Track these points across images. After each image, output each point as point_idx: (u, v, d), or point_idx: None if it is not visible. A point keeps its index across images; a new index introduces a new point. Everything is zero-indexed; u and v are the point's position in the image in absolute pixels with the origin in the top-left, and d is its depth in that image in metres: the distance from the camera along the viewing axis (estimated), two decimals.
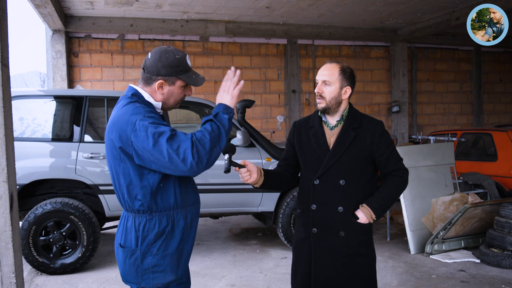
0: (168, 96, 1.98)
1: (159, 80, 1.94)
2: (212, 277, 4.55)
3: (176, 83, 1.96)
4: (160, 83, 1.95)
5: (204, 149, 1.79)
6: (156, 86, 1.95)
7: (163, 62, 1.93)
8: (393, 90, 10.22)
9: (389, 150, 2.32)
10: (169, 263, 1.93)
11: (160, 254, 1.91)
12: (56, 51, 8.09)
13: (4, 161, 2.58)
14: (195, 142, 1.78)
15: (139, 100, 1.94)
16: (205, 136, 1.81)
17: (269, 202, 5.25)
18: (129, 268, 1.94)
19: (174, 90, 1.97)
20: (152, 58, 1.94)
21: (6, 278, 2.63)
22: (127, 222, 1.95)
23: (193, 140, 1.79)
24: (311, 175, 2.32)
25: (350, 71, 2.33)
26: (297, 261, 2.42)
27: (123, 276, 1.99)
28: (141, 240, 1.90)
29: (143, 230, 1.90)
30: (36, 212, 4.51)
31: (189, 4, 7.51)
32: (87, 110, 4.85)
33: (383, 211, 2.29)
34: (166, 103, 2.00)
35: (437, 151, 5.62)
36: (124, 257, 1.94)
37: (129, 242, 1.93)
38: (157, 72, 1.93)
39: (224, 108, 1.92)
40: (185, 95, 2.04)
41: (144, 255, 1.91)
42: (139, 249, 1.91)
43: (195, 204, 2.04)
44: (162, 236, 1.91)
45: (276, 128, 9.65)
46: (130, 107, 1.89)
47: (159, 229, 1.91)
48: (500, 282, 4.28)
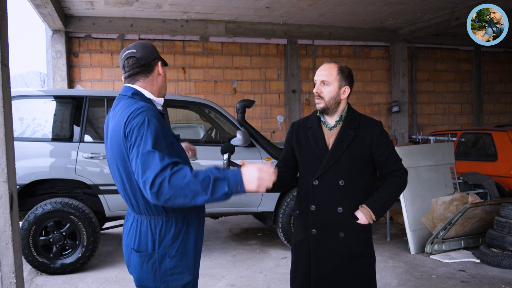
0: (164, 77, 2.03)
1: (159, 61, 1.99)
2: (212, 277, 4.55)
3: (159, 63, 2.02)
4: (161, 64, 2.00)
5: (172, 188, 1.66)
6: (158, 69, 1.99)
7: (150, 47, 1.98)
8: (393, 90, 10.22)
9: (388, 151, 2.32)
10: (186, 264, 1.91)
11: (178, 256, 1.88)
12: (56, 51, 8.09)
13: (4, 161, 2.58)
14: (168, 176, 1.66)
15: (141, 99, 1.91)
16: (187, 181, 1.68)
17: (269, 202, 5.25)
18: (146, 273, 1.88)
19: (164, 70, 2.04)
20: (142, 49, 1.95)
21: (6, 278, 2.63)
22: (140, 226, 1.89)
23: (168, 171, 1.67)
24: (310, 175, 2.31)
25: (348, 71, 2.33)
26: (296, 262, 2.41)
27: (138, 281, 1.92)
28: (159, 243, 1.86)
29: (160, 233, 1.86)
30: (36, 212, 4.51)
31: (189, 4, 7.51)
32: (87, 110, 4.85)
33: (382, 211, 2.29)
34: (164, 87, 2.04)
35: (437, 151, 5.62)
36: (141, 262, 1.88)
37: (144, 246, 1.88)
38: (152, 55, 1.97)
39: (237, 184, 1.73)
40: None
41: (162, 258, 1.87)
42: (156, 253, 1.86)
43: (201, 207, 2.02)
44: (179, 237, 1.89)
45: (276, 128, 9.65)
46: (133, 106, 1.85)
47: (176, 230, 1.88)
48: (500, 282, 4.28)
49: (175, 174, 1.67)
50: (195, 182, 1.67)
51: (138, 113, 1.79)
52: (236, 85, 9.34)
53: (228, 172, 1.74)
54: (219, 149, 2.16)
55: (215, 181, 1.70)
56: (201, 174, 1.70)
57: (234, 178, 1.73)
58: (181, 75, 8.99)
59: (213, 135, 6.05)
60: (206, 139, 6.12)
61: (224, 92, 9.27)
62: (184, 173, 1.68)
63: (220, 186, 1.70)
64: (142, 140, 1.73)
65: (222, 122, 5.82)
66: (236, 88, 9.34)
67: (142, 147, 1.72)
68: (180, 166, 1.71)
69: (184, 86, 9.03)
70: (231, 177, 1.73)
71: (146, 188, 1.67)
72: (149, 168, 1.68)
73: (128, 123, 1.78)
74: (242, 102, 5.30)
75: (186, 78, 9.04)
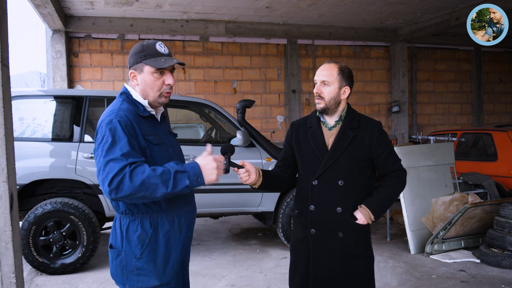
0: (143, 86, 1.93)
1: (130, 70, 1.93)
2: (212, 277, 4.55)
3: (144, 70, 1.91)
4: (132, 73, 1.93)
5: (132, 184, 1.70)
6: (130, 78, 1.94)
7: (131, 53, 1.94)
8: (393, 90, 10.22)
9: (387, 151, 2.32)
10: (153, 268, 1.88)
11: (144, 258, 1.87)
12: (56, 51, 8.09)
13: (4, 161, 2.58)
14: (128, 172, 1.70)
15: (127, 98, 1.93)
16: (147, 175, 1.71)
17: (269, 202, 5.25)
18: (115, 269, 1.92)
19: (144, 77, 1.91)
20: (129, 55, 1.96)
21: (6, 278, 2.63)
22: (115, 223, 1.95)
23: (126, 168, 1.71)
24: (309, 175, 2.31)
25: (348, 71, 2.33)
26: (295, 262, 2.40)
27: (112, 276, 1.98)
28: (126, 242, 1.88)
29: (127, 232, 1.88)
30: (36, 212, 4.51)
31: (189, 4, 7.51)
32: (87, 110, 4.85)
33: (381, 212, 2.29)
34: (146, 95, 1.94)
35: (437, 151, 5.62)
36: (112, 258, 1.93)
37: (115, 243, 1.93)
38: (128, 64, 1.94)
39: (197, 176, 1.78)
40: (167, 84, 1.95)
41: (129, 257, 1.88)
42: (124, 251, 1.89)
43: (185, 208, 1.99)
44: (146, 240, 1.87)
45: (276, 128, 9.65)
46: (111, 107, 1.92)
47: (142, 232, 1.86)
48: (500, 282, 4.28)
49: (134, 170, 1.71)
50: (154, 176, 1.71)
51: (109, 113, 1.85)
52: (236, 85, 9.34)
53: (187, 166, 1.78)
54: (219, 149, 2.16)
55: (175, 174, 1.74)
56: (159, 168, 1.74)
57: (193, 170, 1.78)
58: (181, 75, 8.99)
59: (213, 135, 6.05)
60: (206, 139, 6.12)
61: (224, 92, 9.27)
62: (143, 169, 1.72)
63: (181, 179, 1.74)
64: (104, 139, 1.78)
65: (222, 122, 5.82)
66: (236, 88, 9.34)
67: (103, 146, 1.77)
68: (138, 162, 1.74)
69: (184, 86, 9.03)
70: (190, 169, 1.77)
71: (105, 186, 1.71)
72: (108, 166, 1.71)
73: (99, 124, 1.85)
74: (242, 102, 5.30)
75: (186, 78, 9.04)
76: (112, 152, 1.74)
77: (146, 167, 1.73)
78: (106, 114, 1.87)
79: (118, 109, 1.85)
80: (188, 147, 5.13)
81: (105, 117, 1.85)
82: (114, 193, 1.71)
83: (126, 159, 1.73)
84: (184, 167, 1.79)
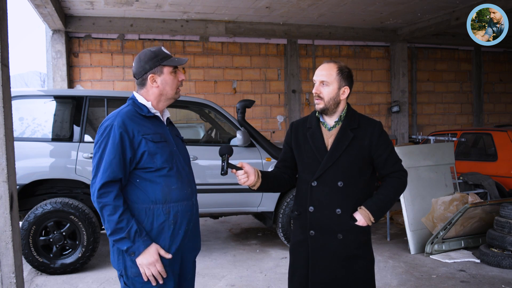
0: (163, 85, 2.12)
1: (149, 75, 2.10)
2: (212, 277, 4.55)
3: (164, 71, 2.12)
4: (152, 77, 2.10)
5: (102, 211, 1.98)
6: (149, 82, 2.11)
7: (143, 60, 2.11)
8: (393, 90, 10.22)
9: (388, 151, 2.29)
10: None
11: None
12: (56, 51, 8.09)
13: (4, 161, 2.58)
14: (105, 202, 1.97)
15: (133, 103, 2.12)
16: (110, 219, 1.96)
17: (269, 202, 5.25)
18: (113, 256, 2.09)
19: (165, 78, 2.12)
20: (135, 64, 2.14)
21: (6, 278, 2.63)
22: None
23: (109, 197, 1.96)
24: (308, 176, 2.29)
25: (348, 71, 2.30)
26: (294, 264, 2.38)
27: (112, 263, 2.13)
28: None
29: None
30: (36, 212, 4.51)
31: (189, 4, 7.51)
32: (87, 110, 4.85)
33: (381, 213, 2.27)
34: (165, 94, 2.14)
35: (437, 151, 5.62)
36: (111, 246, 2.09)
37: None
38: (144, 70, 2.11)
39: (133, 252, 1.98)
40: (181, 80, 2.17)
41: None
42: None
43: (182, 201, 2.10)
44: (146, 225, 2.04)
45: (276, 128, 9.65)
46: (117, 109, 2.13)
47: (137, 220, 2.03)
48: (500, 282, 4.28)
49: (105, 207, 1.95)
50: (113, 222, 1.94)
51: (109, 116, 2.06)
52: (236, 85, 9.34)
53: (139, 240, 1.97)
54: (218, 149, 2.16)
55: (122, 238, 1.96)
56: (123, 221, 1.95)
57: (138, 249, 1.97)
58: None
59: (213, 135, 6.05)
60: (206, 139, 6.13)
61: (224, 92, 9.27)
62: (114, 209, 1.95)
63: (124, 242, 1.96)
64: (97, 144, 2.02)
65: (222, 122, 5.82)
66: (236, 88, 9.34)
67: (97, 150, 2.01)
68: (118, 202, 1.96)
69: (184, 86, 9.02)
70: (136, 244, 1.97)
71: (92, 191, 1.98)
72: (96, 176, 1.98)
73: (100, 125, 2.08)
74: (242, 102, 5.30)
75: (186, 78, 9.03)
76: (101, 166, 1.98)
77: (119, 209, 1.95)
78: (107, 116, 2.09)
79: (118, 113, 2.06)
80: (188, 147, 5.12)
81: (105, 120, 2.06)
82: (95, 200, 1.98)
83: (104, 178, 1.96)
84: (135, 239, 1.96)
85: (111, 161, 1.96)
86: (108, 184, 1.94)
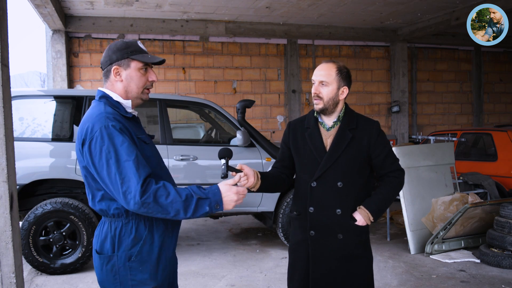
0: (128, 81, 1.89)
1: (114, 66, 1.87)
2: (212, 277, 4.55)
3: (131, 65, 1.88)
4: (115, 69, 1.87)
5: (156, 205, 1.70)
6: (113, 74, 1.88)
7: (112, 49, 1.89)
8: (393, 90, 10.22)
9: (386, 151, 2.30)
10: (149, 269, 1.84)
11: (138, 261, 1.82)
12: (56, 51, 8.09)
13: (4, 161, 2.58)
14: (152, 193, 1.70)
15: (108, 102, 1.88)
16: (171, 200, 1.71)
17: (269, 202, 5.25)
18: (106, 275, 1.84)
19: (131, 73, 1.88)
20: (104, 52, 1.92)
21: (6, 278, 2.64)
22: (103, 228, 1.87)
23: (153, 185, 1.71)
24: (307, 177, 2.29)
25: (346, 71, 2.30)
26: (293, 264, 2.38)
27: (100, 284, 1.89)
28: (118, 246, 1.82)
29: (120, 235, 1.82)
30: (36, 212, 4.51)
31: (189, 4, 7.51)
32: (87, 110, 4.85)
33: (380, 212, 2.28)
34: (129, 92, 1.90)
35: (437, 151, 5.62)
36: (101, 264, 1.84)
37: (104, 248, 1.84)
38: (110, 60, 1.88)
39: (217, 203, 1.80)
40: (150, 81, 1.93)
41: (121, 261, 1.82)
42: (116, 255, 1.82)
43: None
44: (140, 241, 1.83)
45: (276, 128, 9.65)
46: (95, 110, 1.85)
47: (136, 234, 1.82)
48: (500, 282, 4.28)
49: (159, 190, 1.71)
50: (178, 201, 1.72)
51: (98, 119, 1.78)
52: (236, 85, 9.34)
53: (209, 192, 1.80)
54: (218, 149, 2.15)
55: (197, 201, 1.76)
56: (183, 193, 1.74)
57: (215, 198, 1.79)
58: (181, 75, 8.99)
59: (213, 135, 6.05)
60: (206, 139, 6.13)
61: (224, 92, 9.27)
62: (168, 191, 1.72)
63: (202, 206, 1.76)
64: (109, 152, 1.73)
65: (222, 122, 5.82)
66: (236, 88, 9.34)
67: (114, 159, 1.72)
68: (162, 183, 1.74)
69: (184, 86, 9.03)
70: (212, 196, 1.79)
71: (128, 199, 1.69)
72: (129, 179, 1.69)
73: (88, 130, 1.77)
74: (242, 102, 5.30)
75: (186, 78, 9.04)
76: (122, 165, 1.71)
77: (170, 188, 1.73)
78: (92, 120, 1.79)
79: (106, 114, 1.80)
80: (188, 147, 5.14)
81: (94, 123, 1.77)
82: (137, 208, 1.70)
83: (143, 173, 1.71)
84: (206, 193, 1.78)
85: (135, 157, 1.72)
86: (146, 179, 1.71)
